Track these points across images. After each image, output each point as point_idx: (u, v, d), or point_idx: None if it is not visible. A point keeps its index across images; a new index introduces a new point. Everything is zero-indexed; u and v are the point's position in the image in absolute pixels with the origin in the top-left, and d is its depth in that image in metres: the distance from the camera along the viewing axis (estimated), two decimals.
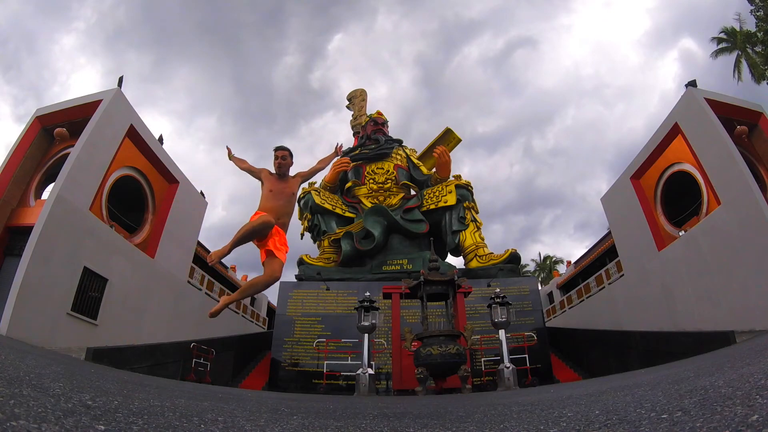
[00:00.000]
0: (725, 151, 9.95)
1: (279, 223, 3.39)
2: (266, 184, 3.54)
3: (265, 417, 1.32)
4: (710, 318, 9.79)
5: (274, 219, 3.32)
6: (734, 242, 9.42)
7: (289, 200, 3.54)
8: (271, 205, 3.42)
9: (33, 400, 0.95)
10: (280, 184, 3.55)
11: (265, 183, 3.55)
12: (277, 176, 3.58)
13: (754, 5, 17.49)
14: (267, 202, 3.44)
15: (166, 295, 12.58)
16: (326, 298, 12.80)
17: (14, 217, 9.63)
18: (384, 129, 18.35)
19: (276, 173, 3.59)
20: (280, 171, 3.58)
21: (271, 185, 3.52)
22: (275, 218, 3.34)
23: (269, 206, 3.41)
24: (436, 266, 8.74)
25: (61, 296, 8.61)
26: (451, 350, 7.32)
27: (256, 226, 3.08)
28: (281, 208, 3.47)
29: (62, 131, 10.61)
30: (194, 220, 15.00)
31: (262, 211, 3.37)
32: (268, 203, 3.43)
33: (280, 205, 3.45)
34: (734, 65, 20.18)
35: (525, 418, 1.18)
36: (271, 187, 3.51)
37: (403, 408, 1.94)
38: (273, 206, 3.42)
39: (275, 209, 3.42)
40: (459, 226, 14.77)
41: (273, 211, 3.38)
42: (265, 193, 3.51)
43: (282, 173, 3.60)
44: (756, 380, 1.11)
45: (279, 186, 3.53)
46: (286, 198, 3.51)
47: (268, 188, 3.52)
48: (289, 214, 3.59)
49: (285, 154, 3.60)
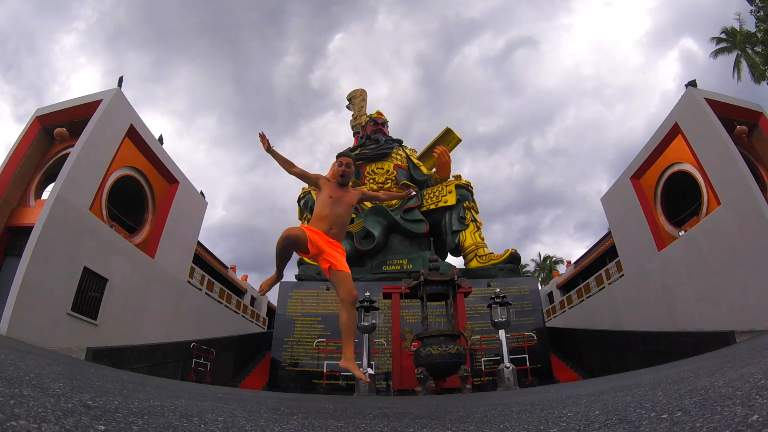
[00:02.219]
0: (725, 151, 9.94)
1: (332, 233, 3.16)
2: (325, 190, 3.29)
3: (265, 417, 1.32)
4: (710, 318, 9.79)
5: (328, 228, 3.14)
6: (734, 242, 9.42)
7: (348, 210, 3.33)
8: (329, 212, 3.20)
9: (33, 400, 0.94)
10: (340, 191, 3.30)
11: (324, 189, 3.30)
12: (336, 184, 3.34)
13: (754, 5, 17.50)
14: (325, 208, 3.22)
15: (166, 295, 12.58)
16: (326, 298, 12.80)
17: (14, 217, 9.62)
18: (384, 129, 18.36)
19: (335, 181, 3.35)
20: (343, 180, 3.34)
21: (330, 191, 3.28)
22: (328, 227, 3.15)
23: (326, 213, 3.19)
24: (436, 266, 8.74)
25: (61, 296, 8.60)
26: (451, 350, 7.32)
27: (280, 247, 2.91)
28: (339, 217, 3.23)
29: (62, 131, 10.61)
30: (194, 220, 14.99)
31: (319, 216, 3.19)
32: (326, 209, 3.21)
33: (338, 214, 3.22)
34: (734, 65, 20.19)
35: (525, 418, 1.18)
36: (331, 193, 3.27)
37: (403, 408, 1.94)
38: (330, 213, 3.19)
39: (332, 217, 3.18)
40: (459, 226, 14.78)
41: (328, 219, 3.17)
42: (324, 198, 3.26)
43: (344, 182, 3.36)
44: (756, 380, 1.11)
45: (339, 193, 3.29)
46: (345, 207, 3.28)
47: (327, 194, 3.27)
48: (346, 225, 3.34)
49: (350, 162, 3.39)
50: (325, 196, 3.25)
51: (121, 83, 11.15)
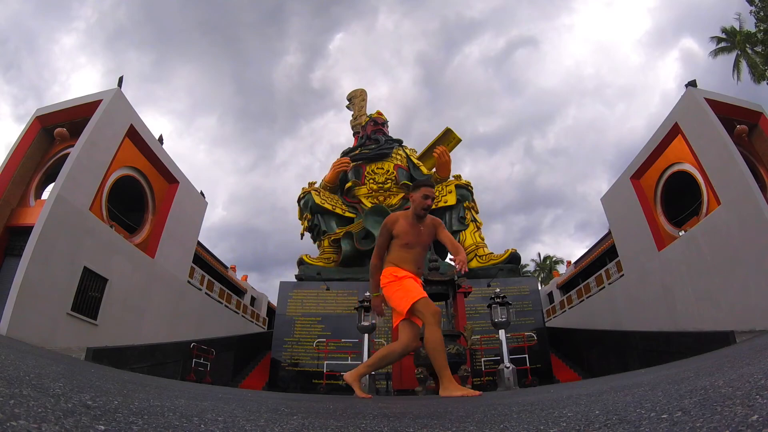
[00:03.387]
0: (725, 151, 9.94)
1: (419, 273, 3.04)
2: (402, 237, 3.01)
3: (265, 417, 1.32)
4: (710, 318, 9.79)
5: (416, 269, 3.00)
6: (734, 242, 9.42)
7: (426, 248, 3.12)
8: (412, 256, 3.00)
9: (33, 400, 0.94)
10: (417, 229, 3.04)
11: (401, 236, 3.01)
12: (415, 219, 3.04)
13: (754, 6, 17.50)
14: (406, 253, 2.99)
15: (166, 295, 12.58)
16: (326, 298, 12.81)
17: (14, 217, 9.63)
18: (384, 129, 18.36)
19: (413, 216, 3.05)
20: (423, 213, 3.03)
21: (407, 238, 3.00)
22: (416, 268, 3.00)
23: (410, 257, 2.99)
24: (436, 266, 8.74)
25: (61, 296, 8.60)
26: (451, 350, 7.31)
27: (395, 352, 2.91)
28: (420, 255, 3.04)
29: (62, 131, 10.61)
30: (194, 220, 15.00)
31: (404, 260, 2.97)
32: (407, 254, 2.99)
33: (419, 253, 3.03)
34: (734, 65, 20.19)
35: (525, 418, 1.18)
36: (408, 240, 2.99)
37: (403, 408, 1.94)
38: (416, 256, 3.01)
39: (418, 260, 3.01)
40: (459, 226, 14.78)
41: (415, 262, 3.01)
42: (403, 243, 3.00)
43: (425, 215, 3.06)
44: (756, 380, 1.11)
45: (417, 230, 3.03)
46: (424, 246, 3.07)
47: (404, 241, 3.00)
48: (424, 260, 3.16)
49: (433, 194, 3.07)
50: (403, 242, 3.02)
51: (121, 83, 11.16)
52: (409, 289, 2.86)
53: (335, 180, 16.56)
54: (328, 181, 16.47)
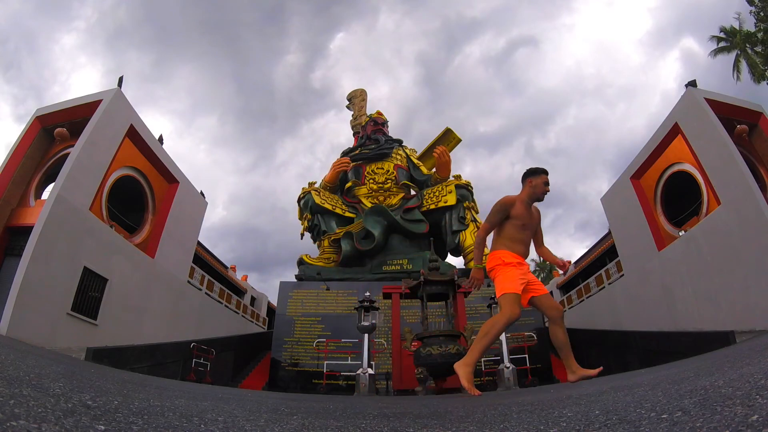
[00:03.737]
0: (725, 151, 9.94)
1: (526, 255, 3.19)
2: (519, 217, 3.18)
3: (265, 417, 1.32)
4: (710, 318, 9.79)
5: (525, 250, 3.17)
6: (734, 242, 9.42)
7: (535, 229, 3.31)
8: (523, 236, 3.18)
9: (33, 400, 0.94)
10: (530, 211, 3.23)
11: (518, 217, 3.19)
12: (527, 204, 3.21)
13: (754, 6, 17.50)
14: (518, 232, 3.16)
15: (166, 295, 12.58)
16: (326, 298, 12.80)
17: (14, 217, 9.63)
18: (384, 129, 18.35)
19: (529, 201, 3.23)
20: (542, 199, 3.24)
21: (524, 218, 3.17)
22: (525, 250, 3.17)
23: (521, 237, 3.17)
24: (436, 266, 8.74)
25: (61, 296, 8.61)
26: (451, 350, 7.31)
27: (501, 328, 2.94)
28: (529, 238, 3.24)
29: (62, 131, 10.61)
30: (194, 220, 15.00)
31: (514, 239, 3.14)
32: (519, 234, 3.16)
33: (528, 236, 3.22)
34: (733, 65, 20.17)
35: (525, 418, 1.18)
36: (524, 221, 3.18)
37: (403, 408, 1.94)
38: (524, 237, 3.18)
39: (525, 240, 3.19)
40: (459, 226, 14.77)
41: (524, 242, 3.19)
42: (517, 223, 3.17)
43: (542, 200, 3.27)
44: (756, 380, 1.11)
45: (530, 213, 3.22)
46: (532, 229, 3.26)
47: (521, 222, 3.18)
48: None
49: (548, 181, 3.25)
50: (520, 223, 3.18)
51: (121, 83, 11.16)
52: (508, 279, 3.04)
53: (335, 180, 16.54)
54: (328, 181, 16.46)
